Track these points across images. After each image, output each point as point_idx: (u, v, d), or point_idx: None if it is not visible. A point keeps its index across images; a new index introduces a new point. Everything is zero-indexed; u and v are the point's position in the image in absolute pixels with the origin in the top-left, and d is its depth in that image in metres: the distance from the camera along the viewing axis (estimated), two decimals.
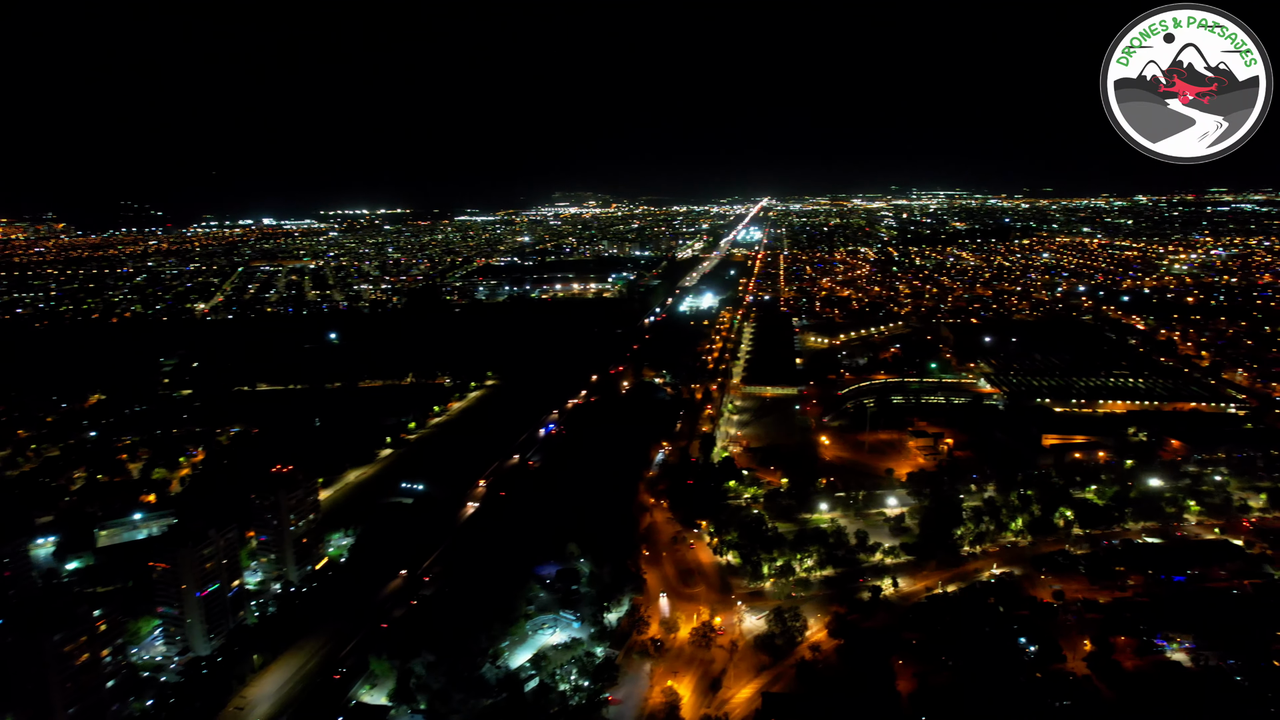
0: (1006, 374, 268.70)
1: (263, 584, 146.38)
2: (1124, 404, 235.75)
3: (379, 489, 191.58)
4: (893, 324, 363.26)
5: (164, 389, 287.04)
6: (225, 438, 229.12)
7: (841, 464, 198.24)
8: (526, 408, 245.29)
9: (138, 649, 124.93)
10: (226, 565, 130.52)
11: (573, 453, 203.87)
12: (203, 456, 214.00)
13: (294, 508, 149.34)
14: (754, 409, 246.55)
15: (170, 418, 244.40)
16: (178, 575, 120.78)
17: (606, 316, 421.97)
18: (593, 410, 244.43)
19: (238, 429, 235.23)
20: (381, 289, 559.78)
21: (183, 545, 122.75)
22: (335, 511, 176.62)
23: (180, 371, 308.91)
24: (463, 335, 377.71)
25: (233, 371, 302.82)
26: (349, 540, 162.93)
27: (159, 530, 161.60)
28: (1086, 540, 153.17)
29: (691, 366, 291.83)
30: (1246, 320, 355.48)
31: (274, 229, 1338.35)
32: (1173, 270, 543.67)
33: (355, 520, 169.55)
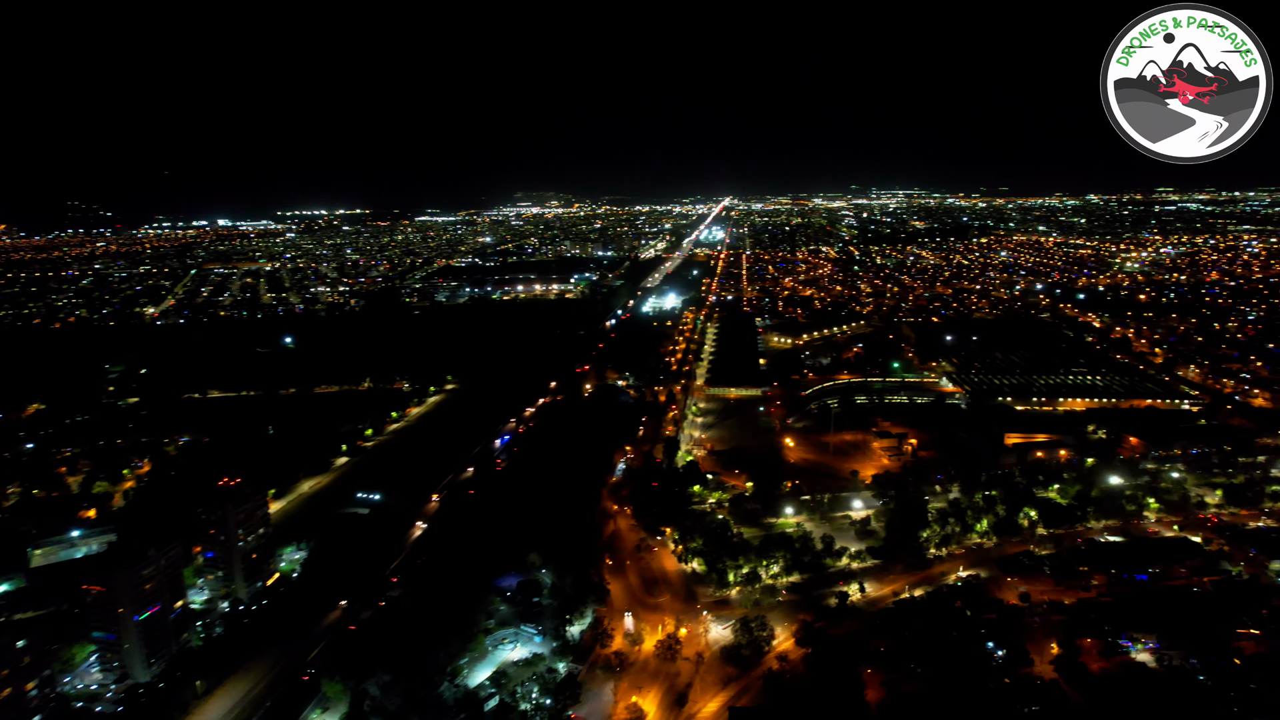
0: (968, 373, 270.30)
1: (209, 603, 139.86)
2: (1083, 402, 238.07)
3: (334, 499, 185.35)
4: (855, 323, 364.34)
5: (109, 397, 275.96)
6: (173, 448, 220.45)
7: (806, 466, 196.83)
8: (487, 413, 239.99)
9: (71, 677, 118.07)
10: (169, 585, 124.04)
11: (534, 459, 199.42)
12: (148, 468, 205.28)
13: (243, 522, 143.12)
14: (718, 411, 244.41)
15: (114, 427, 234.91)
16: (114, 598, 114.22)
17: (569, 318, 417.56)
18: (554, 415, 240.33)
19: (187, 438, 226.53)
20: (339, 291, 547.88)
21: (120, 566, 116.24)
22: (288, 524, 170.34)
23: (127, 378, 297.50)
24: (422, 338, 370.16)
25: (183, 378, 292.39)
26: (302, 554, 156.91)
27: (99, 548, 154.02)
28: (1050, 540, 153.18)
29: (655, 368, 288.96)
30: (1196, 317, 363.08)
31: (229, 230, 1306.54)
32: (1125, 268, 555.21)
33: (309, 533, 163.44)
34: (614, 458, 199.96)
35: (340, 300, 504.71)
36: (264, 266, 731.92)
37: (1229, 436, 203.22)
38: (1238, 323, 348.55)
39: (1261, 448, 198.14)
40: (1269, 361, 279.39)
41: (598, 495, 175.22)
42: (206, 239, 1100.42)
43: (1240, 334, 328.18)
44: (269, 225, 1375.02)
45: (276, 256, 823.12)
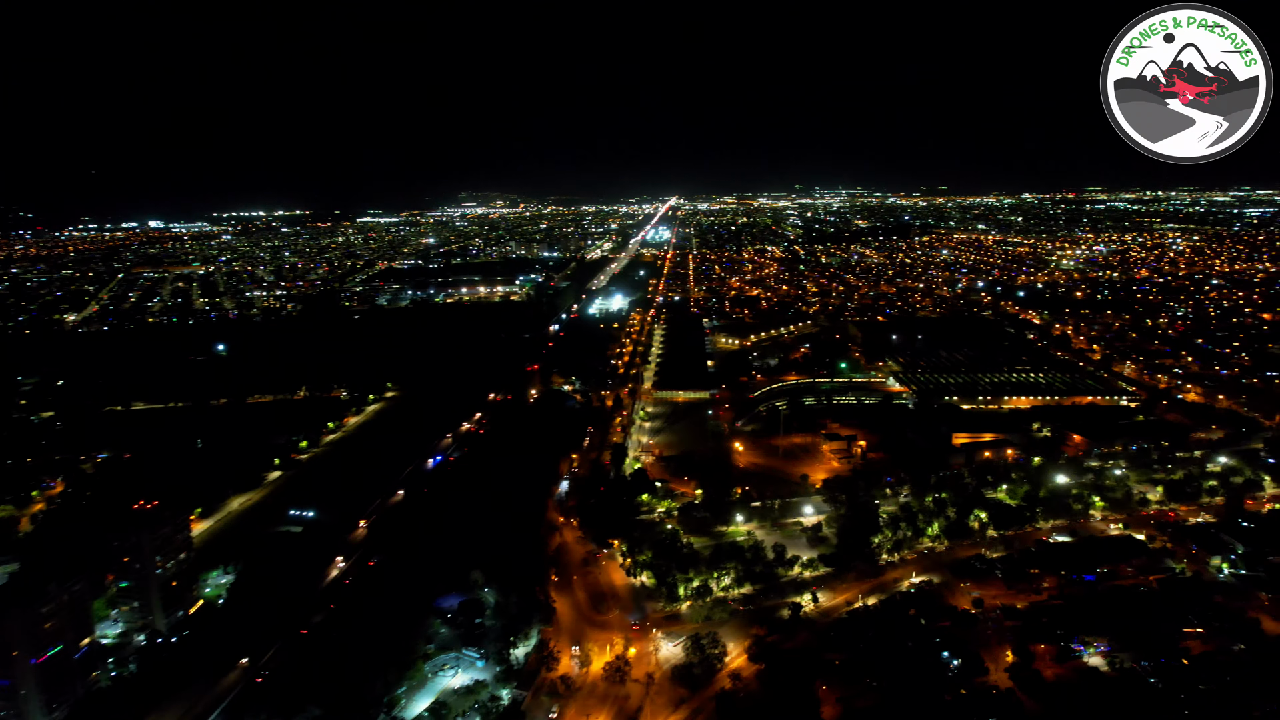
0: (914, 372, 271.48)
1: (124, 637, 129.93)
2: (1027, 399, 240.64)
3: (266, 517, 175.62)
4: (802, 323, 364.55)
5: (21, 411, 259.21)
6: (90, 465, 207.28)
7: (756, 470, 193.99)
8: (428, 422, 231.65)
9: None
10: (74, 621, 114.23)
11: (477, 469, 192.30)
12: (61, 489, 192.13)
13: (161, 547, 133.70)
14: (666, 415, 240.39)
15: (25, 444, 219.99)
16: (8, 641, 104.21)
17: (514, 321, 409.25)
18: (499, 422, 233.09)
19: (106, 454, 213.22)
20: (276, 296, 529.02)
21: (15, 605, 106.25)
22: (215, 545, 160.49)
23: (42, 391, 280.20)
24: (362, 344, 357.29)
25: (104, 389, 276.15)
26: (229, 578, 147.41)
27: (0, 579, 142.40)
28: (1001, 542, 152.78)
29: (602, 372, 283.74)
30: (1129, 314, 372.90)
31: (161, 232, 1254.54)
32: (1061, 266, 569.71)
33: (237, 555, 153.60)
34: (560, 466, 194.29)
35: (276, 305, 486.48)
36: (197, 270, 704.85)
37: (1166, 432, 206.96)
38: (1168, 319, 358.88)
39: (1196, 442, 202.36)
40: (1198, 357, 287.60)
41: (543, 506, 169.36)
42: (136, 241, 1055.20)
43: (1171, 330, 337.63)
44: (204, 227, 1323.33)
45: (211, 259, 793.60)
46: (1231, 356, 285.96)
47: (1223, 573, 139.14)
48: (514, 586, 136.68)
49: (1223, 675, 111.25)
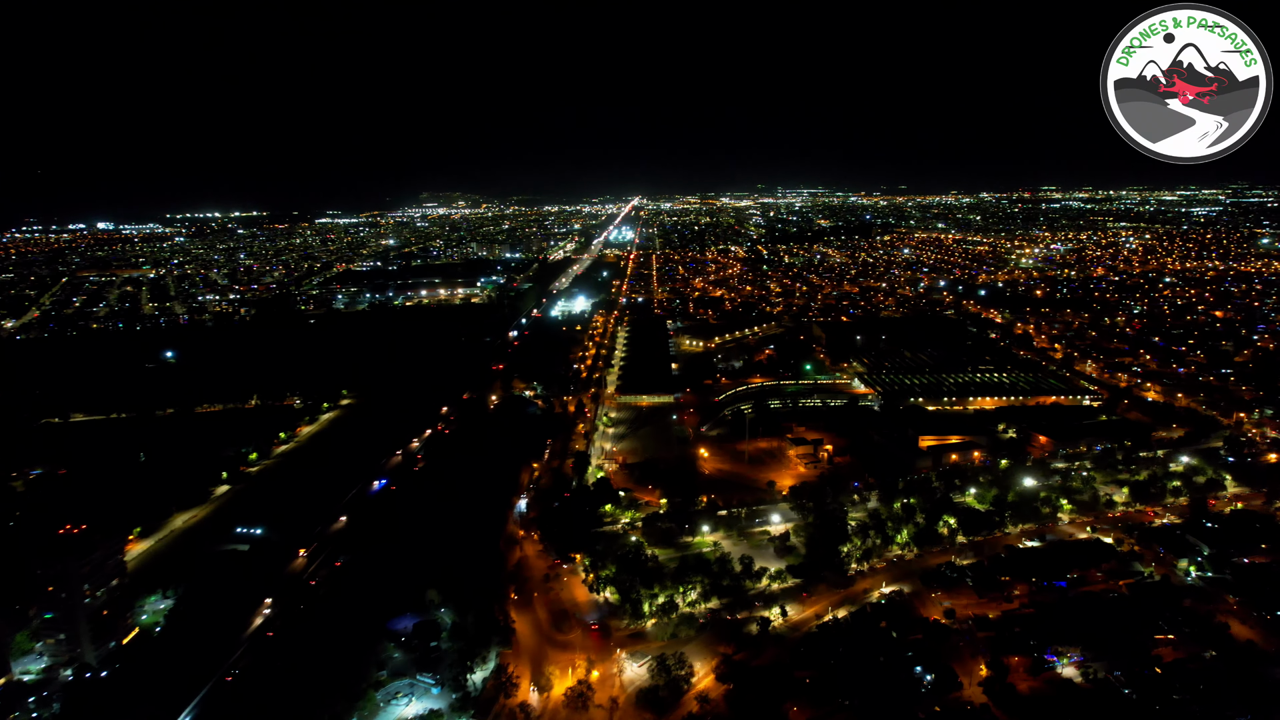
0: (879, 373, 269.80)
1: (49, 672, 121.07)
2: (992, 400, 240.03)
3: (211, 535, 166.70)
4: (766, 325, 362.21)
5: None
6: (21, 483, 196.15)
7: (722, 477, 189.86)
8: (384, 430, 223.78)
9: None
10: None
11: (434, 481, 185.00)
12: None
13: (90, 575, 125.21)
14: (630, 420, 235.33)
15: None
16: None
17: (475, 324, 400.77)
18: (457, 431, 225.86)
19: (39, 470, 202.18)
20: (229, 299, 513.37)
21: None
22: (154, 567, 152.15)
23: None
24: (317, 349, 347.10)
25: (41, 400, 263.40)
26: (168, 603, 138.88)
27: None
28: (971, 548, 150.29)
29: (564, 376, 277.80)
30: (1088, 312, 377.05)
31: (110, 234, 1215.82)
32: (1020, 264, 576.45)
33: (178, 577, 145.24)
34: (521, 475, 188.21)
35: (229, 310, 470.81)
36: (147, 273, 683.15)
37: (1128, 431, 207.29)
38: (1125, 317, 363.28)
39: (1158, 441, 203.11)
40: (1156, 355, 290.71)
41: (503, 519, 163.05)
42: (83, 244, 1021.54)
43: (1129, 328, 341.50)
44: (156, 229, 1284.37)
45: (162, 262, 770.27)
46: (1188, 354, 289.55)
47: (1190, 576, 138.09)
48: (472, 606, 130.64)
49: (1195, 683, 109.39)
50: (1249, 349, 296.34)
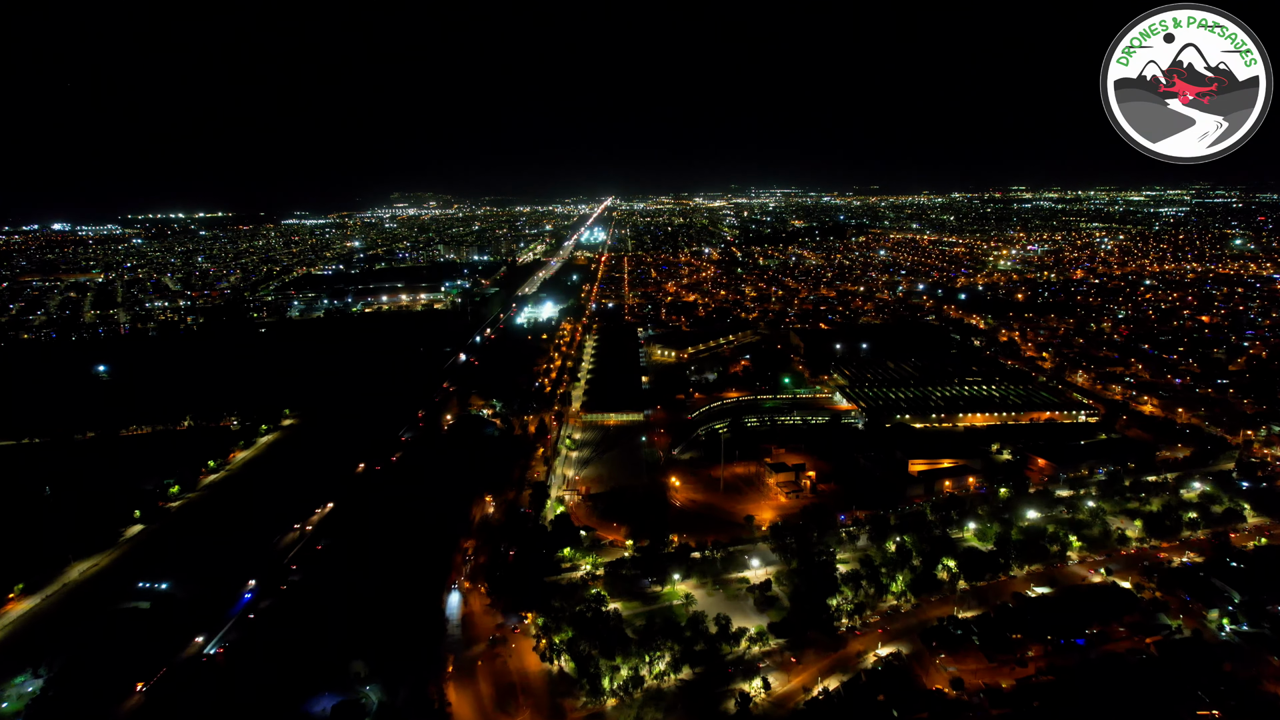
0: (862, 386, 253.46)
1: None
2: (983, 416, 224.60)
3: (109, 589, 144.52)
4: (741, 333, 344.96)
5: None
6: None
7: (695, 509, 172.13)
8: (325, 457, 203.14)
9: None
10: None
11: (372, 520, 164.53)
12: None
13: None
14: (596, 441, 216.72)
15: None
16: None
17: (436, 332, 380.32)
18: (404, 459, 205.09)
19: None
20: (179, 306, 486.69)
21: None
22: (33, 634, 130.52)
23: None
24: (264, 362, 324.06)
25: None
26: (38, 684, 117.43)
27: None
28: (974, 595, 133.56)
29: (527, 391, 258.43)
30: (1073, 317, 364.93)
31: (65, 235, 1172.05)
32: (999, 266, 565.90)
33: (58, 647, 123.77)
34: (472, 510, 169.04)
35: (174, 318, 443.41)
36: (96, 277, 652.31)
37: (1130, 451, 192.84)
38: (1111, 323, 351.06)
39: (1163, 463, 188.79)
40: (1147, 364, 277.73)
41: (447, 567, 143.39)
42: (33, 245, 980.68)
43: (1116, 335, 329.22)
44: (114, 230, 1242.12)
45: (115, 265, 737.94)
46: (1180, 363, 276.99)
47: (1224, 630, 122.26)
48: (404, 680, 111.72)
49: None
50: (1242, 357, 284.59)
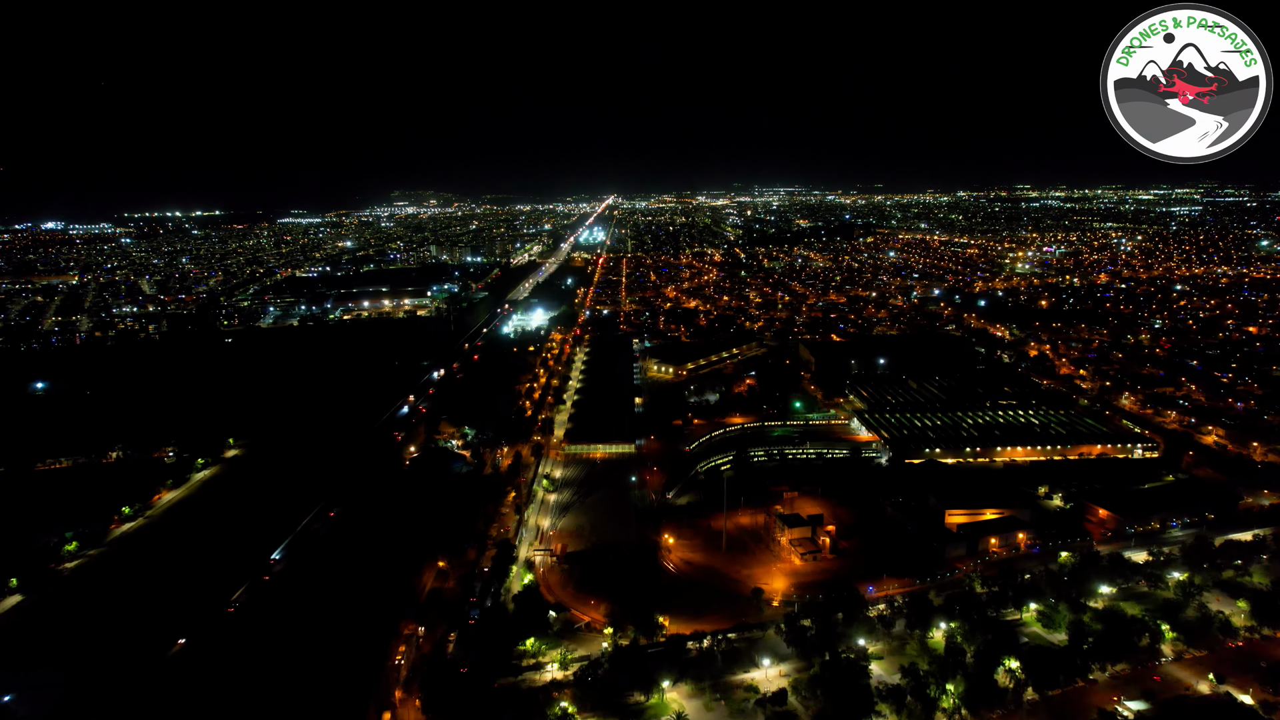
0: (882, 411, 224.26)
1: None
2: (1023, 450, 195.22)
3: None
4: (746, 345, 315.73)
5: None
6: None
7: (692, 573, 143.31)
8: (263, 503, 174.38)
9: None
10: None
11: (301, 594, 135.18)
12: None
13: None
14: (580, 480, 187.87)
15: None
16: None
17: (415, 343, 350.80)
18: (351, 507, 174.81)
19: None
20: (148, 313, 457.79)
21: None
22: None
23: None
24: (221, 378, 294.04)
25: None
26: None
27: None
28: (1046, 708, 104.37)
29: (505, 416, 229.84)
30: (1104, 327, 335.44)
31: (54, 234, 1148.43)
32: (1016, 270, 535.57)
33: None
34: (423, 577, 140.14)
35: (136, 326, 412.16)
36: (70, 280, 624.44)
37: (1207, 499, 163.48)
38: (1149, 335, 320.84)
39: (1249, 513, 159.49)
40: (1200, 383, 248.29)
41: (378, 671, 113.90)
42: (19, 245, 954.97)
43: (1157, 348, 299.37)
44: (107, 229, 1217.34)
45: (95, 266, 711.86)
46: (1237, 382, 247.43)
47: None
48: None
49: None
50: None
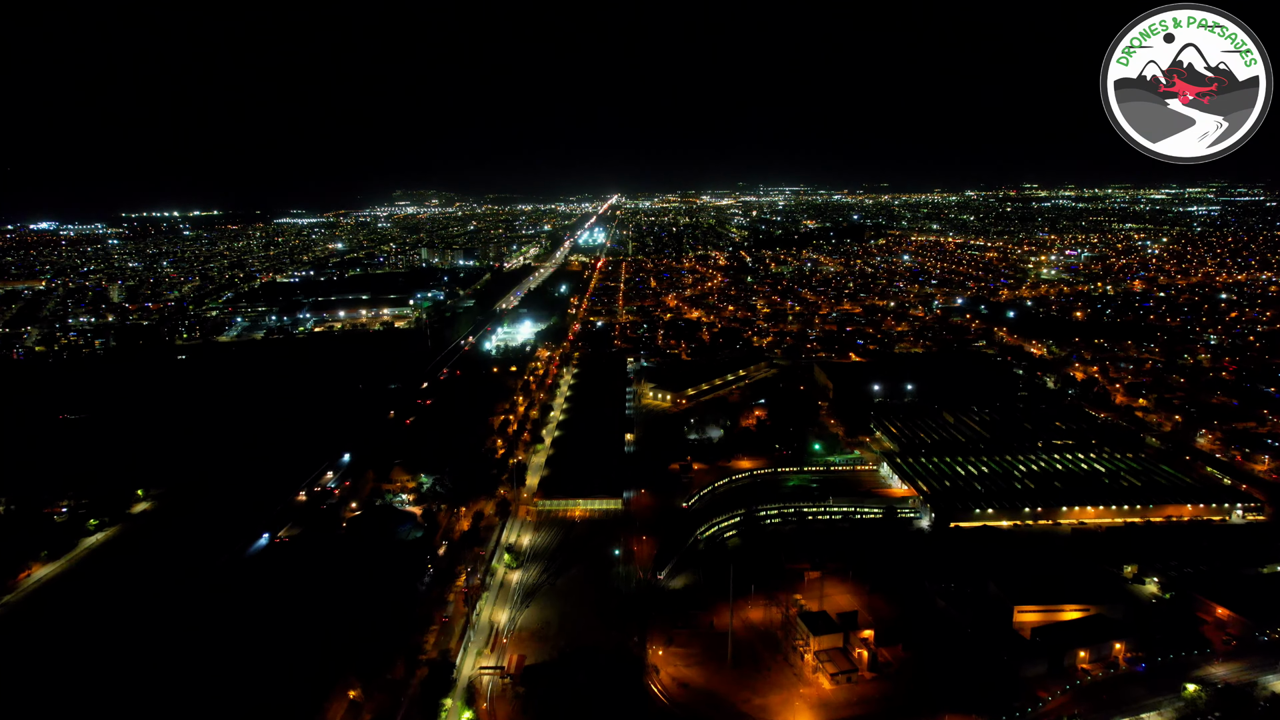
0: (916, 454, 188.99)
1: None
2: (1094, 510, 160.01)
3: None
4: (754, 366, 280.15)
5: None
6: None
7: (688, 701, 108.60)
8: (157, 585, 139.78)
9: None
10: None
11: None
12: None
13: None
14: (552, 549, 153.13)
15: None
16: None
17: (387, 361, 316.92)
18: (256, 600, 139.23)
19: None
20: (107, 323, 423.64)
21: None
22: None
23: None
24: (157, 406, 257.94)
25: None
26: None
27: None
28: None
29: (475, 455, 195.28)
30: (1154, 343, 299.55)
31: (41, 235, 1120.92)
32: (1042, 276, 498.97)
33: None
34: (331, 711, 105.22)
35: (80, 342, 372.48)
36: (37, 285, 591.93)
37: None
38: (1210, 355, 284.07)
39: None
40: None
41: None
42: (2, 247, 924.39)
43: (1222, 371, 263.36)
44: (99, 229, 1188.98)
45: (71, 270, 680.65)
46: None
47: None
48: None
49: None
50: None
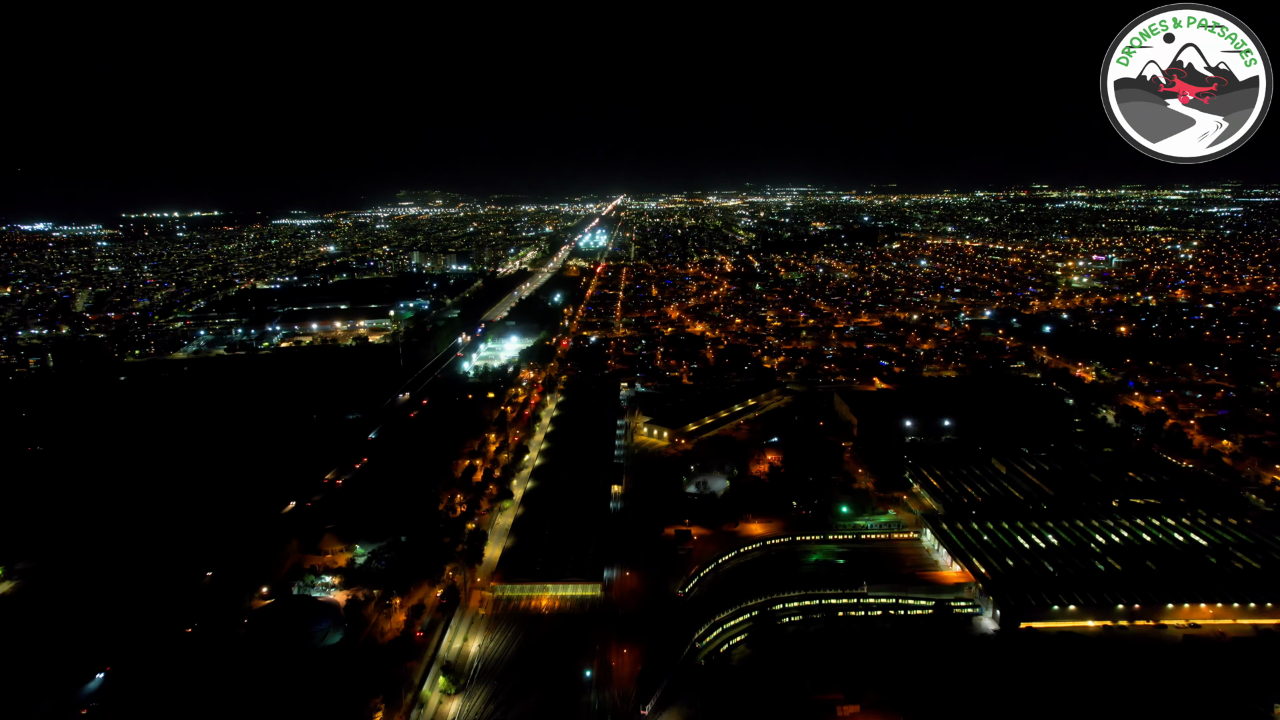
0: (965, 517, 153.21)
1: None
2: (1208, 609, 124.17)
3: None
4: (764, 393, 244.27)
5: None
6: None
7: None
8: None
9: None
10: None
11: None
12: None
13: None
14: (506, 662, 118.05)
15: None
16: None
17: (354, 382, 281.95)
18: None
19: None
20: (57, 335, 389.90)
21: None
22: None
23: None
24: (71, 443, 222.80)
25: None
26: None
27: None
28: None
29: (429, 514, 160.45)
30: (1219, 365, 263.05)
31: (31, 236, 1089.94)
32: (1074, 284, 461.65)
33: None
34: None
35: (14, 360, 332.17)
36: (2, 293, 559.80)
37: None
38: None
39: None
40: None
41: None
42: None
43: None
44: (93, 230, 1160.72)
45: (44, 275, 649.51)
46: None
47: None
48: None
49: None
50: None
